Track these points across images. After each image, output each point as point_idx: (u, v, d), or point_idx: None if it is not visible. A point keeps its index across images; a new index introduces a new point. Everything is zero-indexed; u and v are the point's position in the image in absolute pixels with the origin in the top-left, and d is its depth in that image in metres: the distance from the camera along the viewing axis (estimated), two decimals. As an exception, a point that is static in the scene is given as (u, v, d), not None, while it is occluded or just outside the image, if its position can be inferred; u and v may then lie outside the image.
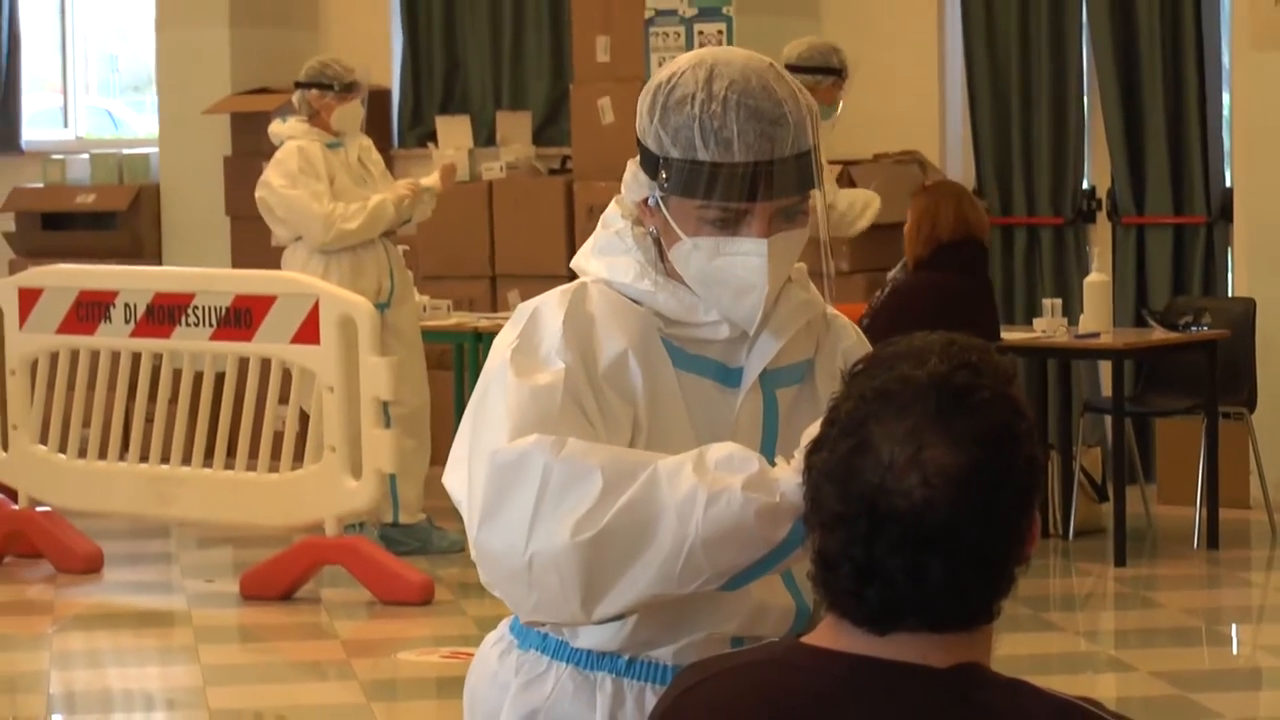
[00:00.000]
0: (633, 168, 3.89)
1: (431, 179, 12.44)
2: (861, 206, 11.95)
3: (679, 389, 3.81)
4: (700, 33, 14.24)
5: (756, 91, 3.73)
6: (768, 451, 3.73)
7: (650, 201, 3.83)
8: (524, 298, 11.46)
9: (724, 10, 14.19)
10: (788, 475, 3.39)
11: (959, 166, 13.96)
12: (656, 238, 3.83)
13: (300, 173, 11.96)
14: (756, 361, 3.82)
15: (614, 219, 3.91)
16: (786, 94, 3.76)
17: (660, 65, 14.22)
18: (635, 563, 3.45)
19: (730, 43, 14.12)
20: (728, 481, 3.42)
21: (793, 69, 7.54)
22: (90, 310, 12.44)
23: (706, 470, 3.43)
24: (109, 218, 15.57)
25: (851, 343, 3.91)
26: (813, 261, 3.88)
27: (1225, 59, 13.56)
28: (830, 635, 2.94)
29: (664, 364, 3.81)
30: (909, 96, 13.38)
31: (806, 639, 2.99)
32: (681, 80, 3.77)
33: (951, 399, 2.85)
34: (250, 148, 14.51)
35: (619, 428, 3.73)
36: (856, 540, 2.83)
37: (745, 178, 3.71)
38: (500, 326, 3.96)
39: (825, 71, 11.68)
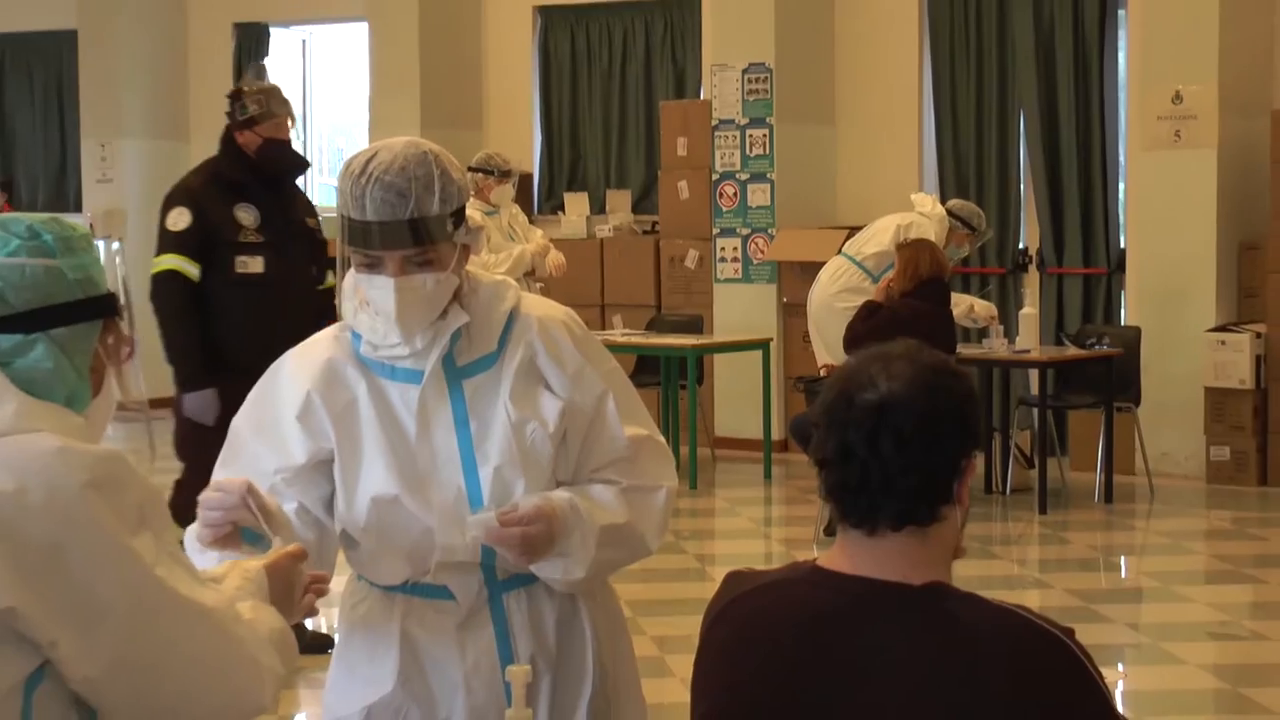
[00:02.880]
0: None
1: (547, 249, 12.35)
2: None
3: (374, 393, 3.63)
4: (750, 136, 14.15)
5: (394, 173, 3.51)
6: (462, 433, 3.60)
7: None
8: (625, 322, 11.42)
9: (767, 120, 14.09)
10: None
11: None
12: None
13: (467, 234, 11.89)
14: (426, 362, 3.59)
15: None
16: (418, 178, 3.52)
17: (722, 160, 14.23)
18: None
19: (772, 144, 14.05)
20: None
21: (470, 169, 7.65)
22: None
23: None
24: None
25: (533, 334, 3.64)
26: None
27: (1122, 157, 13.45)
28: (838, 559, 2.92)
29: (362, 377, 3.65)
30: (898, 176, 13.27)
31: (820, 562, 2.96)
32: (352, 162, 3.56)
33: (915, 351, 2.92)
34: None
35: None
36: (850, 429, 2.84)
37: (372, 231, 3.51)
38: (607, 341, 3.89)
39: (484, 172, 11.69)
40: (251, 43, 17.11)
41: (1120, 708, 2.89)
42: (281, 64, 17.23)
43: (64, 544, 2.60)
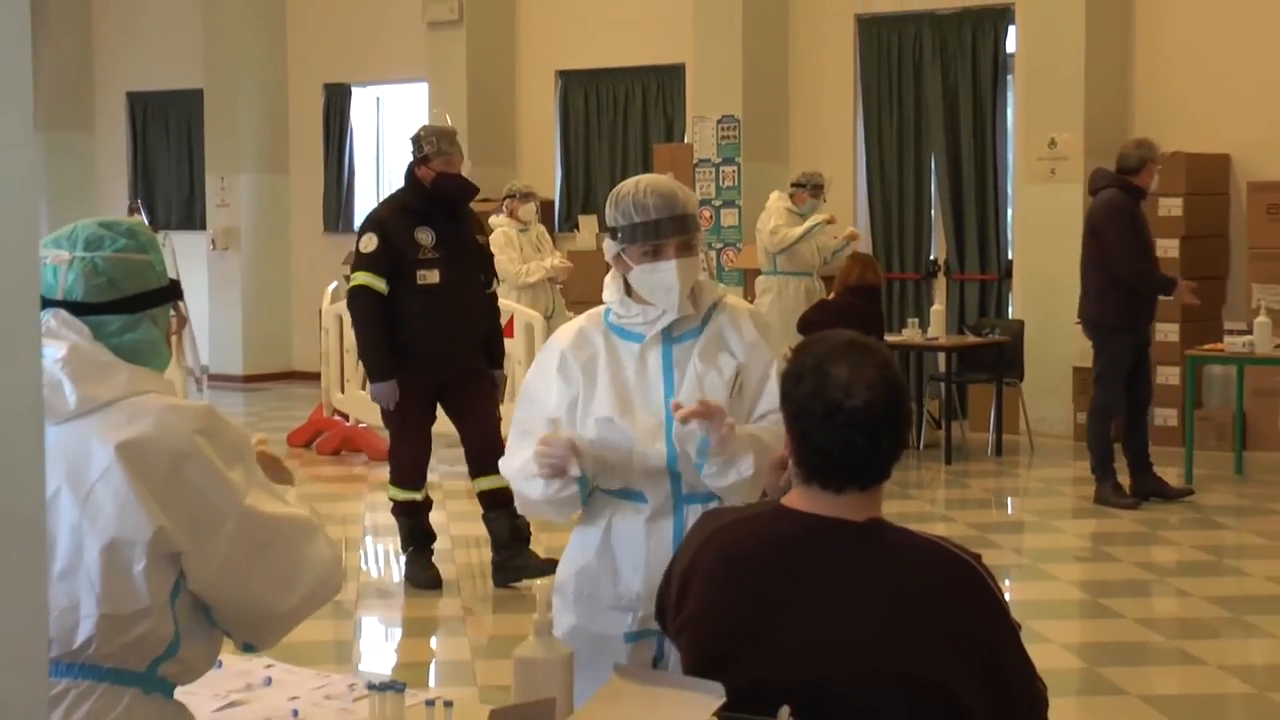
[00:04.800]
0: (605, 243, 3.96)
1: (564, 263, 12.45)
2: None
3: (610, 349, 3.91)
4: (722, 171, 14.16)
5: (661, 185, 3.85)
6: (667, 377, 3.86)
7: (613, 253, 3.94)
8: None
9: (736, 159, 14.10)
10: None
11: (867, 245, 13.85)
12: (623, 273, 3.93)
13: (506, 246, 11.94)
14: (652, 329, 3.88)
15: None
16: (677, 188, 3.86)
17: (700, 189, 14.24)
18: None
19: (740, 178, 14.06)
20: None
21: (505, 196, 7.60)
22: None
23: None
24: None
25: (725, 317, 3.93)
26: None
27: (1010, 188, 13.46)
28: (798, 500, 2.93)
29: (604, 339, 3.93)
30: (836, 202, 13.24)
31: (784, 501, 2.96)
32: (624, 189, 3.90)
33: (863, 348, 2.88)
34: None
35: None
36: (831, 434, 2.84)
37: (655, 226, 3.82)
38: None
39: (513, 196, 12.36)
40: (337, 99, 17.10)
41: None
42: (360, 117, 17.23)
43: (183, 477, 2.65)
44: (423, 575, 8.09)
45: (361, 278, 7.73)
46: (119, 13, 18.19)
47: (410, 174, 7.96)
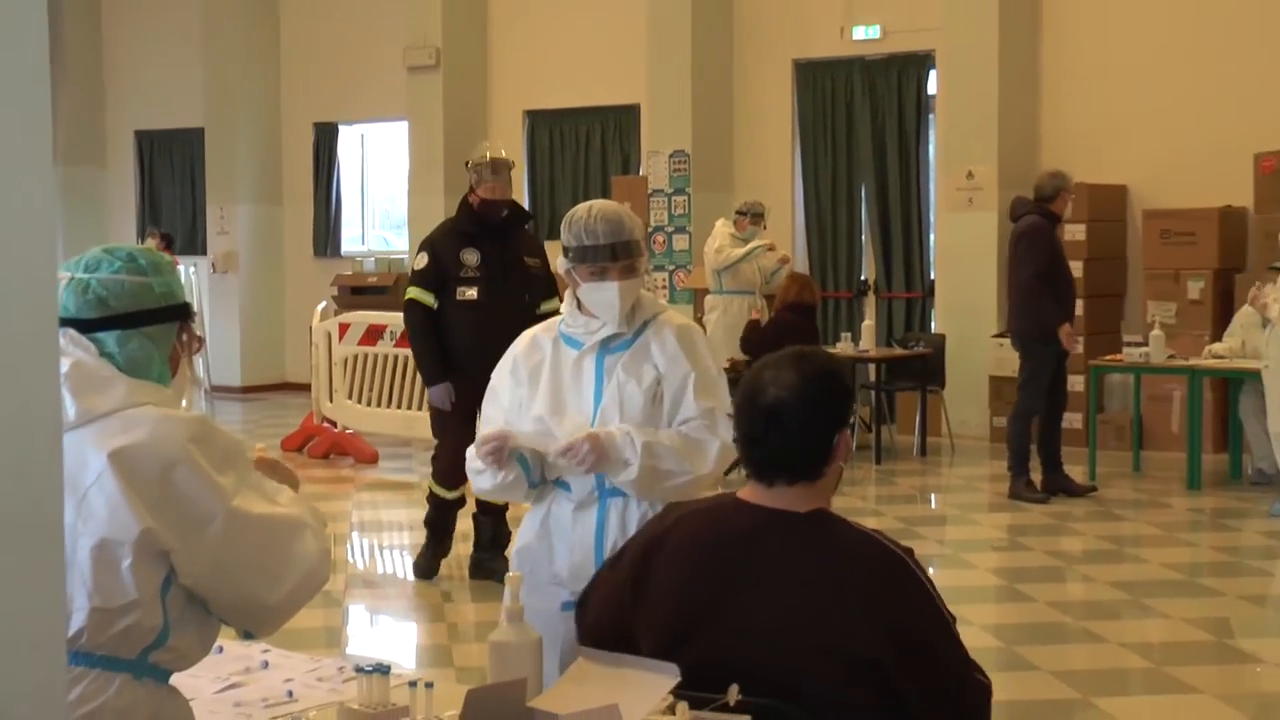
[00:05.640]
0: (559, 259, 4.01)
1: None
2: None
3: (555, 355, 3.95)
4: (674, 201, 14.17)
5: (609, 212, 3.90)
6: (597, 383, 3.90)
7: (565, 269, 3.97)
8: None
9: (686, 189, 14.11)
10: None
11: (804, 266, 13.90)
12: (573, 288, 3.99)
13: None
14: (591, 339, 3.93)
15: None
16: (624, 216, 3.91)
17: (655, 217, 14.24)
18: None
19: (690, 206, 14.07)
20: None
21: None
22: (373, 334, 12.39)
23: None
24: (383, 289, 15.50)
25: (652, 330, 3.94)
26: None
27: (932, 216, 13.50)
28: (750, 494, 2.94)
29: (552, 345, 3.97)
30: (776, 229, 13.27)
31: (739, 494, 2.96)
32: (577, 213, 3.94)
33: (798, 356, 2.91)
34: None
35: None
36: (754, 424, 2.87)
37: (601, 250, 3.87)
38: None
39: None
40: (325, 136, 17.04)
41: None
42: (347, 152, 17.17)
43: (172, 481, 2.62)
44: (423, 564, 8.09)
45: (413, 292, 7.70)
46: (128, 58, 18.11)
47: (464, 200, 7.87)
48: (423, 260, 7.71)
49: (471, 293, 7.66)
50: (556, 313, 4.20)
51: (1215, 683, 6.30)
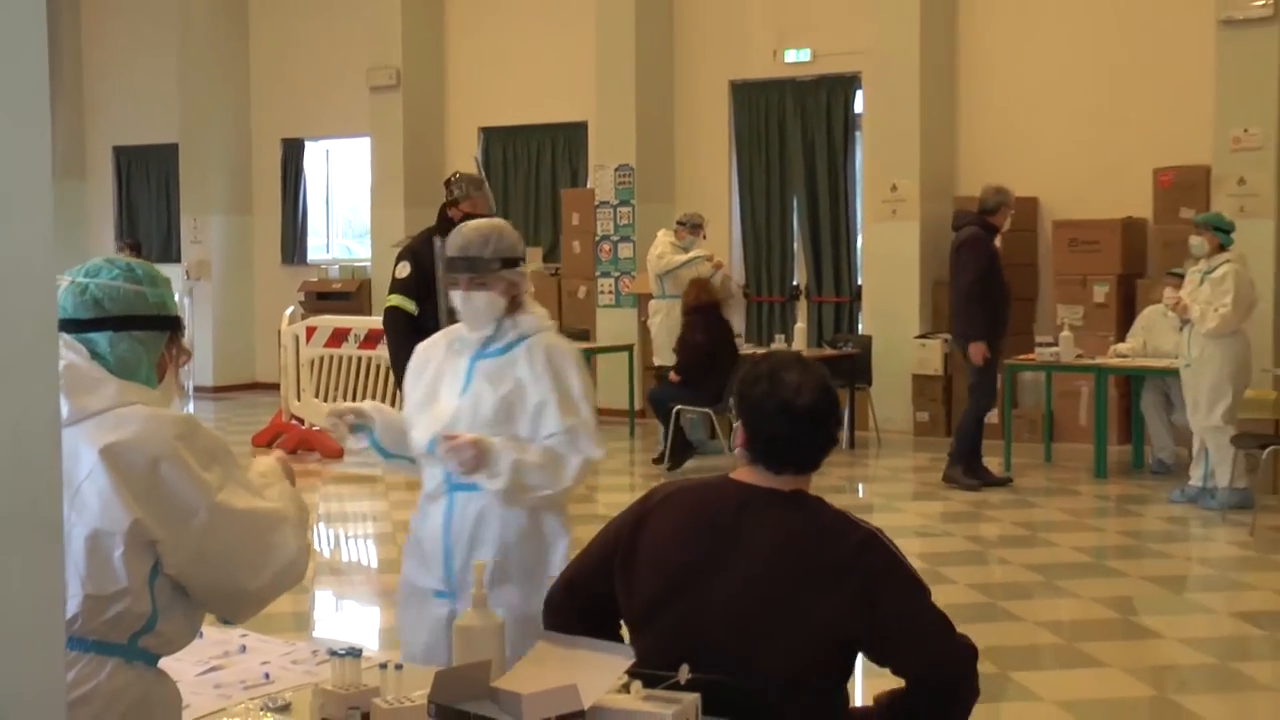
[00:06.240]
0: None
1: None
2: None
3: (445, 354, 3.98)
4: (619, 211, 14.16)
5: (470, 231, 3.94)
6: (466, 383, 3.90)
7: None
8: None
9: (631, 201, 14.10)
10: None
11: (739, 272, 13.92)
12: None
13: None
14: (469, 342, 3.96)
15: None
16: (488, 234, 3.92)
17: (601, 227, 14.22)
18: None
19: (634, 217, 14.07)
20: None
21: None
22: (338, 337, 12.33)
23: None
24: (347, 295, 15.43)
25: (524, 347, 3.92)
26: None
27: (859, 225, 13.54)
28: (743, 475, 2.98)
29: (446, 344, 4.00)
30: (715, 237, 13.30)
31: (732, 475, 2.99)
32: (464, 225, 4.01)
33: (807, 363, 2.99)
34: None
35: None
36: (781, 425, 2.90)
37: (453, 262, 3.91)
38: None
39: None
40: (292, 151, 16.93)
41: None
42: (312, 167, 17.06)
43: (159, 475, 2.60)
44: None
45: (394, 300, 7.63)
46: (106, 78, 17.96)
47: (442, 213, 7.80)
48: (405, 269, 7.63)
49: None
50: None
51: (1121, 657, 6.35)
